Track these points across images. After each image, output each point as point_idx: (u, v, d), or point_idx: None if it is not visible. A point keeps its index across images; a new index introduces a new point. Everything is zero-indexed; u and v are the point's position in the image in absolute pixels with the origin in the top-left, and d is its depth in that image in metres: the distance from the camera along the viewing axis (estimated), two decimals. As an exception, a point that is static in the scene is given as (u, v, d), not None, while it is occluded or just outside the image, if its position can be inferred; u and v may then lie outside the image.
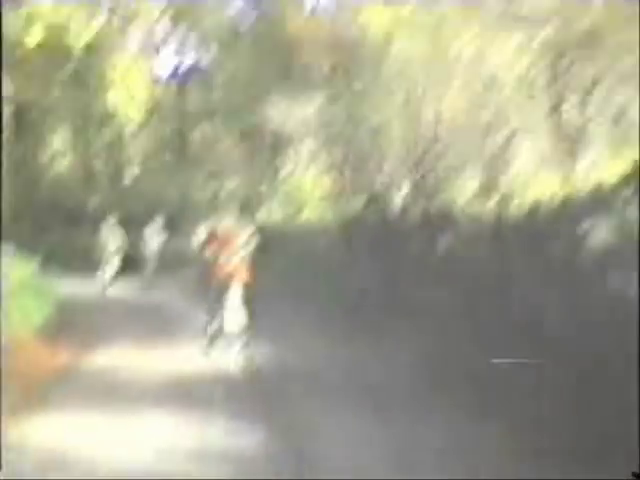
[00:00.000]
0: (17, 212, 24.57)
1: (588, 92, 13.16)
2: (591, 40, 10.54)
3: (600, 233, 6.84)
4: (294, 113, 22.10)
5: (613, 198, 7.49)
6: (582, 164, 12.72)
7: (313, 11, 21.10)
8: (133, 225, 22.44)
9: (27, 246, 18.03)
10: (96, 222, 24.16)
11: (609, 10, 10.21)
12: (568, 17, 10.24)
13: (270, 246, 12.30)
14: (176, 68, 32.41)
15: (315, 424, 7.34)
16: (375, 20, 15.95)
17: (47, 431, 7.03)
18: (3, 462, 5.82)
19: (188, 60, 32.37)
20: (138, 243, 22.27)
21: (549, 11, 10.41)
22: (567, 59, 12.66)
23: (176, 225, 26.05)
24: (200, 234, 11.30)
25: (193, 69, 32.27)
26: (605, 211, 7.12)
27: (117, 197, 28.72)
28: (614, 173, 9.55)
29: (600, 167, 11.76)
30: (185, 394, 8.59)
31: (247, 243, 10.91)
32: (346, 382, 9.02)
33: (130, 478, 5.84)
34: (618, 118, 14.99)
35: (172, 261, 23.53)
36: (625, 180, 8.41)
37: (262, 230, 12.09)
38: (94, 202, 29.45)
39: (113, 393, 8.55)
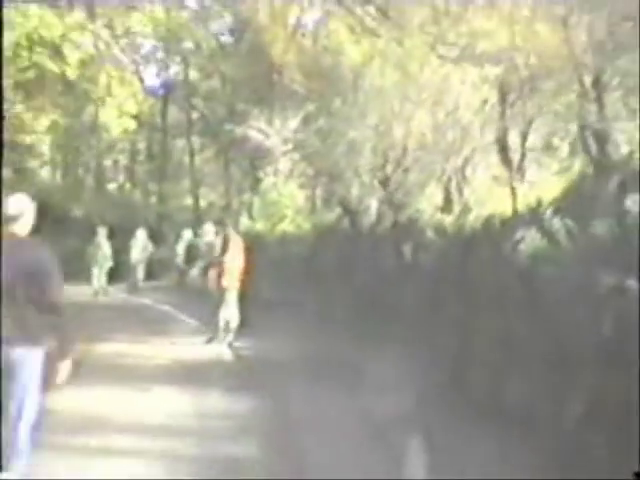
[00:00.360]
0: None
1: (528, 125, 14.87)
2: (531, 82, 12.16)
3: (531, 240, 8.35)
4: (273, 130, 23.50)
5: (544, 212, 9.02)
6: (524, 185, 14.38)
7: (294, 36, 22.55)
8: (118, 234, 23.64)
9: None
10: (81, 231, 25.35)
11: (546, 58, 11.84)
12: (513, 62, 11.84)
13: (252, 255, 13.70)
14: (160, 81, 33.70)
15: (293, 394, 8.93)
16: (351, 49, 17.54)
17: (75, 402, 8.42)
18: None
19: (172, 74, 33.67)
20: (122, 251, 23.40)
21: (498, 55, 11.98)
22: (512, 96, 14.45)
23: (158, 234, 27.31)
24: (212, 235, 13.01)
25: (177, 83, 33.51)
26: (537, 222, 8.62)
27: (102, 206, 29.81)
28: (551, 193, 11.13)
29: (539, 188, 13.28)
30: (186, 375, 10.08)
31: (238, 252, 12.60)
32: (318, 366, 10.49)
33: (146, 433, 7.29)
34: (553, 148, 16.88)
35: (155, 268, 24.89)
36: (558, 199, 9.95)
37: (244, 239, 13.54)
38: (79, 211, 30.51)
39: (122, 374, 9.97)
